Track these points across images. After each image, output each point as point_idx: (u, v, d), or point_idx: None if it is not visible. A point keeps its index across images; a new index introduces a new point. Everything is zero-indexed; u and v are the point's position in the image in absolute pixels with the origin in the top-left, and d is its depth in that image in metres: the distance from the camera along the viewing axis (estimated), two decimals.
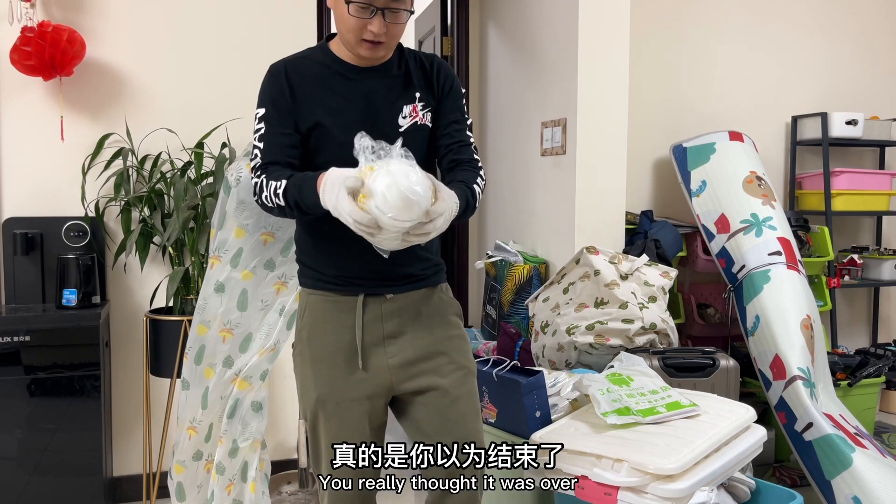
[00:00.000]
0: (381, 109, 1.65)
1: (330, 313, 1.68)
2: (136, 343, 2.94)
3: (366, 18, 1.54)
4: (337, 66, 1.65)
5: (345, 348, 1.66)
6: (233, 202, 2.14)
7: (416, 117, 1.68)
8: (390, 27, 1.56)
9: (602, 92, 3.19)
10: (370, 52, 1.59)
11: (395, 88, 1.67)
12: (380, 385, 1.67)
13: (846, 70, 4.22)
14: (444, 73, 1.73)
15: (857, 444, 2.59)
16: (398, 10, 1.56)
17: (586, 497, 1.90)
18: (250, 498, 2.23)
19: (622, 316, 2.84)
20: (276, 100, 1.62)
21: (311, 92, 1.63)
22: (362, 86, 1.64)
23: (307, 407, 1.71)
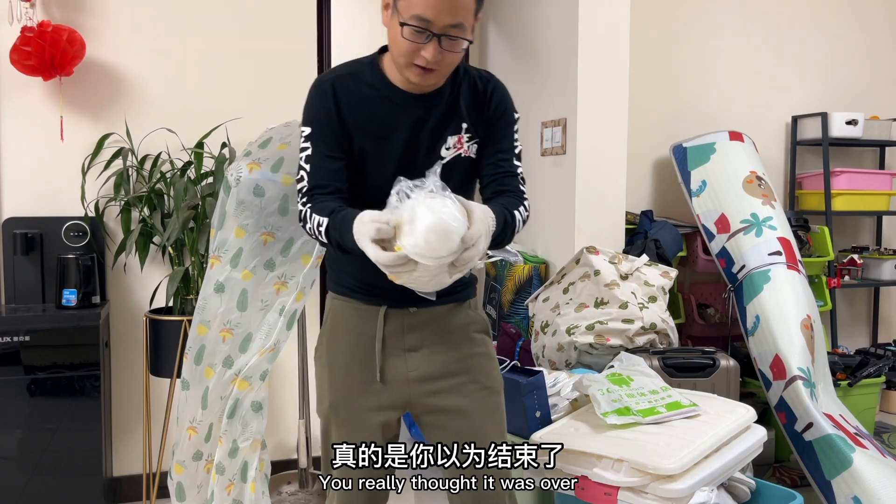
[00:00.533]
0: (426, 140, 1.56)
1: (351, 320, 1.64)
2: (136, 343, 2.93)
3: (420, 43, 1.43)
4: (386, 89, 1.55)
5: (362, 357, 1.62)
6: (233, 202, 2.14)
7: (459, 149, 1.59)
8: (445, 55, 1.45)
9: (602, 92, 3.19)
10: (420, 79, 1.49)
11: (443, 118, 1.57)
12: (396, 398, 1.63)
13: (846, 70, 4.22)
14: (497, 99, 1.62)
15: (857, 444, 2.59)
16: (456, 39, 1.44)
17: (586, 497, 1.90)
18: (250, 498, 2.23)
19: (622, 316, 2.84)
20: (323, 121, 1.53)
21: (357, 116, 1.54)
22: (409, 114, 1.55)
23: (321, 411, 1.69)
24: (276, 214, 2.15)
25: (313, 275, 2.24)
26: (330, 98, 1.53)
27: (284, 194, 2.16)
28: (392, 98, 1.55)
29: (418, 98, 1.55)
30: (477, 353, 1.66)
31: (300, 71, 3.09)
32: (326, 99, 1.53)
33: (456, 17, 1.41)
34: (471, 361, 1.65)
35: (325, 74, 1.58)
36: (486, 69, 1.67)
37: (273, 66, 3.05)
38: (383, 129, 1.54)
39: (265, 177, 2.15)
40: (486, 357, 1.68)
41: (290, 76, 3.07)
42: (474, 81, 1.61)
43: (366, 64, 1.58)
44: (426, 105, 1.56)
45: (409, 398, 1.63)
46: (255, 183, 2.14)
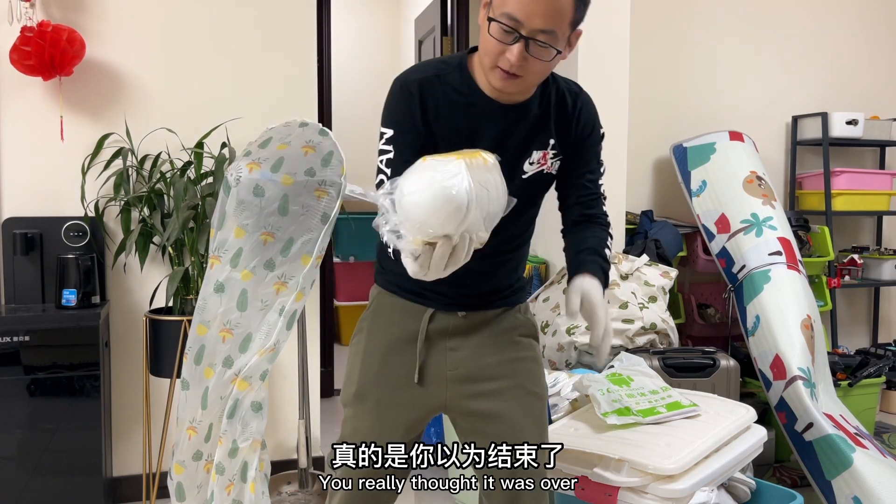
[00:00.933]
0: (510, 153, 1.47)
1: (396, 312, 1.59)
2: (135, 343, 2.93)
3: (506, 44, 1.33)
4: (473, 95, 1.45)
5: (401, 349, 1.56)
6: (232, 202, 2.13)
7: (543, 165, 1.52)
8: (531, 62, 1.35)
9: (602, 92, 3.18)
10: (502, 84, 1.39)
11: (531, 131, 1.49)
12: (431, 397, 1.56)
13: (846, 70, 4.22)
14: (586, 116, 1.55)
15: (857, 444, 2.59)
16: (545, 46, 1.34)
17: (586, 497, 1.90)
18: (250, 498, 2.23)
19: (622, 316, 2.84)
20: (406, 124, 1.43)
21: (442, 122, 1.45)
22: (496, 124, 1.46)
23: (346, 398, 1.62)
24: (276, 214, 2.15)
25: (313, 275, 2.24)
26: (416, 100, 1.43)
27: (284, 194, 2.16)
28: (479, 106, 1.45)
29: (506, 108, 1.46)
30: (523, 357, 1.60)
31: (300, 71, 3.08)
32: (411, 101, 1.43)
33: (548, 22, 1.32)
34: (516, 365, 1.58)
35: (409, 73, 1.47)
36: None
37: (273, 66, 3.05)
38: (467, 138, 1.44)
39: (265, 177, 2.15)
40: (532, 361, 1.62)
41: (290, 76, 3.07)
42: (563, 94, 1.52)
43: (453, 66, 1.48)
44: (514, 117, 1.47)
45: (446, 400, 1.56)
46: (255, 183, 2.14)
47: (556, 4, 1.32)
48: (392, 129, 1.44)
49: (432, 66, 1.49)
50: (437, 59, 1.52)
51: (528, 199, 1.52)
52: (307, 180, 2.20)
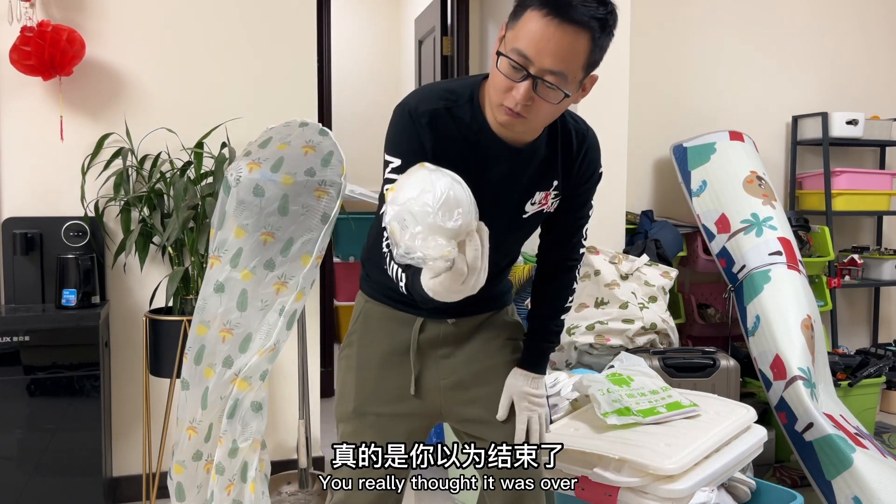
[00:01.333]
0: (515, 196, 1.45)
1: (385, 322, 1.57)
2: (135, 343, 2.93)
3: (513, 81, 1.27)
4: (482, 134, 1.39)
5: (396, 362, 1.55)
6: (232, 202, 2.14)
7: (544, 205, 1.49)
8: (538, 103, 1.28)
9: (602, 92, 3.18)
10: (507, 121, 1.32)
11: (537, 175, 1.45)
12: (429, 407, 1.56)
13: (847, 70, 4.22)
14: (589, 161, 1.51)
15: (857, 444, 2.59)
16: (553, 87, 1.27)
17: (586, 497, 1.90)
18: (250, 498, 2.23)
19: (622, 316, 2.84)
20: (415, 154, 1.34)
21: (448, 157, 1.35)
22: (503, 167, 1.41)
23: (342, 414, 1.61)
24: (275, 214, 2.15)
25: (313, 275, 2.24)
26: (426, 132, 1.36)
27: (284, 194, 2.16)
28: (487, 146, 1.39)
29: (514, 150, 1.40)
30: (513, 360, 1.60)
31: (300, 71, 3.08)
32: (420, 132, 1.36)
33: (559, 63, 1.26)
34: (507, 369, 1.58)
35: (419, 101, 1.38)
36: (486, 69, 1.58)
37: (273, 66, 3.05)
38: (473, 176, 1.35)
39: (265, 177, 2.15)
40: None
41: (289, 76, 3.07)
42: (570, 135, 1.47)
43: (464, 98, 1.40)
44: (522, 159, 1.42)
45: (442, 407, 1.57)
46: (254, 183, 2.14)
47: (569, 44, 1.25)
48: (401, 160, 1.35)
49: (443, 95, 1.40)
50: (445, 88, 1.42)
51: (525, 232, 1.53)
52: (307, 180, 2.20)
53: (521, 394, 1.54)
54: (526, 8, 1.26)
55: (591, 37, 1.27)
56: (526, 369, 1.56)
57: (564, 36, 1.24)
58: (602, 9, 1.28)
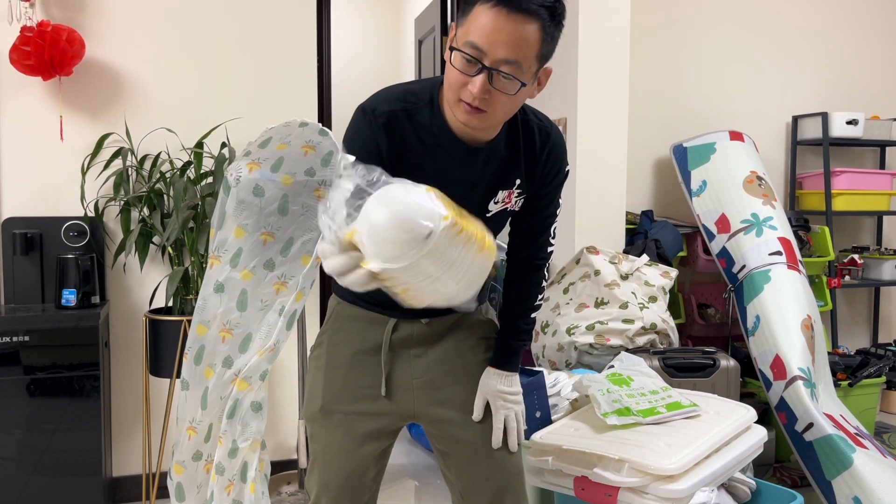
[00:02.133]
0: (476, 196, 1.45)
1: (356, 323, 1.57)
2: (135, 343, 2.93)
3: (469, 75, 1.28)
4: (442, 136, 1.39)
5: (367, 360, 1.55)
6: (232, 202, 2.13)
7: (507, 203, 1.49)
8: (495, 95, 1.29)
9: (602, 92, 3.19)
10: (466, 118, 1.32)
11: (498, 174, 1.45)
12: (400, 407, 1.55)
13: (847, 70, 4.22)
14: (554, 159, 1.49)
15: (857, 444, 2.58)
16: (509, 77, 1.27)
17: (586, 497, 1.90)
18: (250, 498, 2.22)
19: (622, 316, 2.84)
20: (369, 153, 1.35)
21: (406, 160, 1.39)
22: (463, 168, 1.42)
23: (309, 413, 1.61)
24: (275, 214, 2.15)
25: (313, 275, 2.24)
26: (381, 133, 1.37)
27: (284, 194, 2.15)
28: (447, 148, 1.40)
29: (474, 150, 1.41)
30: (485, 359, 1.60)
31: (300, 71, 3.09)
32: (376, 133, 1.37)
33: (512, 51, 1.26)
34: (479, 368, 1.58)
35: (378, 102, 1.39)
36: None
37: (273, 66, 3.05)
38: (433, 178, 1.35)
39: (265, 177, 2.15)
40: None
41: (289, 76, 3.07)
42: (532, 132, 1.47)
43: (424, 101, 1.40)
44: (482, 159, 1.42)
45: (415, 408, 1.56)
46: (254, 183, 2.13)
47: (521, 33, 1.26)
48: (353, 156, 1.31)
49: (402, 98, 1.40)
50: (406, 89, 1.43)
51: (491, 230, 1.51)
52: (307, 180, 2.20)
53: (496, 393, 1.54)
54: (475, 2, 1.28)
55: (542, 25, 1.28)
56: (498, 368, 1.56)
57: (515, 25, 1.25)
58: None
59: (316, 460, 1.60)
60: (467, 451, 1.56)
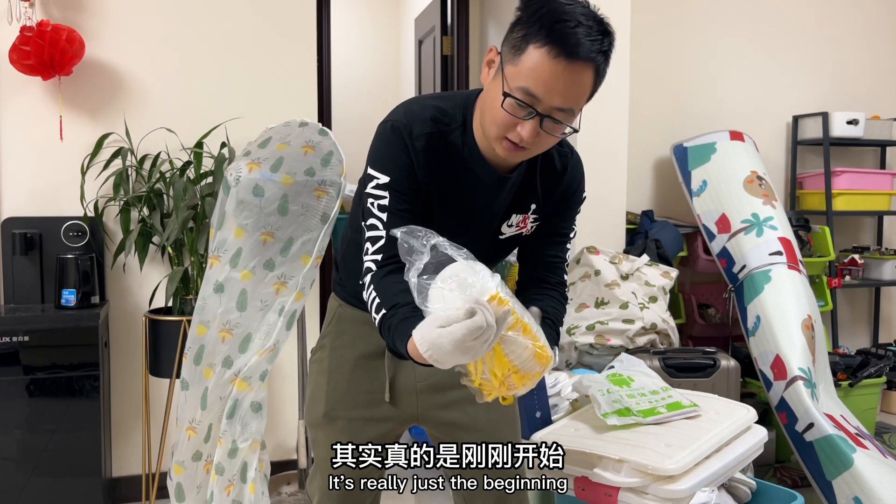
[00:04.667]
0: (494, 218, 1.43)
1: (359, 326, 1.53)
2: (135, 343, 2.93)
3: (519, 118, 1.25)
4: (473, 160, 1.37)
5: (371, 365, 1.52)
6: (232, 202, 2.13)
7: (522, 228, 1.47)
8: (542, 136, 1.27)
9: (602, 92, 3.17)
10: (508, 154, 1.30)
11: (515, 197, 1.43)
12: (403, 411, 1.53)
13: (847, 69, 4.22)
14: (571, 180, 1.47)
15: (858, 444, 2.58)
16: (559, 123, 1.26)
17: (586, 498, 1.89)
18: (250, 498, 2.22)
19: (623, 316, 2.84)
20: (405, 174, 1.33)
21: (438, 183, 1.37)
22: (489, 191, 1.40)
23: (312, 419, 1.58)
24: (275, 214, 2.15)
25: (313, 275, 2.24)
26: (420, 156, 1.34)
27: (284, 194, 2.15)
28: (478, 173, 1.38)
29: (501, 178, 1.39)
30: None
31: (300, 71, 3.08)
32: (413, 155, 1.33)
33: (567, 100, 1.24)
34: None
35: (413, 122, 1.34)
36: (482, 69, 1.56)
37: (273, 66, 3.05)
38: (459, 201, 1.39)
39: (265, 177, 2.15)
40: None
41: (289, 76, 3.07)
42: (552, 157, 1.44)
43: (458, 122, 1.37)
44: (507, 185, 1.40)
45: (418, 411, 1.54)
46: (254, 183, 2.14)
47: (578, 81, 1.23)
48: (389, 176, 1.33)
49: (435, 118, 1.36)
50: (437, 107, 1.38)
51: (500, 253, 1.51)
52: (307, 180, 2.20)
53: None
54: (529, 43, 1.21)
55: (597, 69, 1.25)
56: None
57: (573, 74, 1.22)
58: (606, 40, 1.24)
59: (318, 467, 1.58)
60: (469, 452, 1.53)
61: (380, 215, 1.32)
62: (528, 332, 1.14)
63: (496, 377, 1.16)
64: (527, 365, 1.16)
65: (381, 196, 1.33)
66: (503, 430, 1.57)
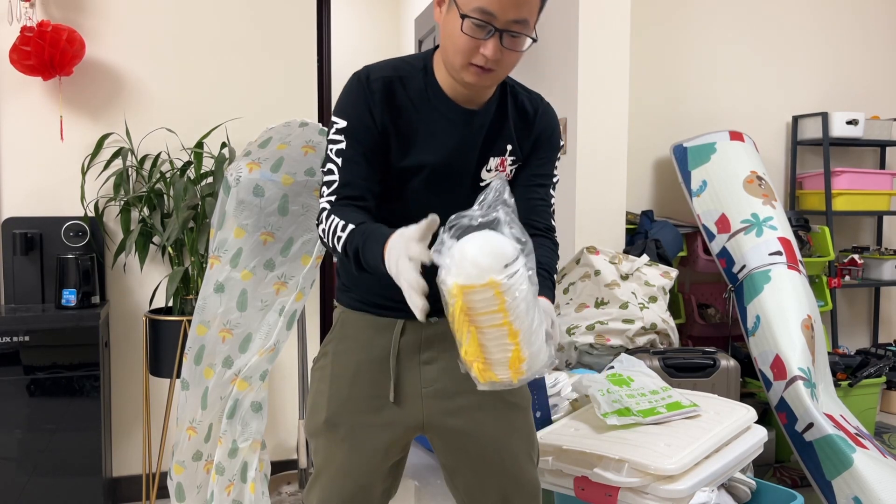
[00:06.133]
0: (469, 160, 1.44)
1: (363, 331, 1.50)
2: (135, 343, 2.93)
3: (480, 39, 1.30)
4: (437, 100, 1.41)
5: (373, 369, 1.48)
6: (232, 202, 2.14)
7: (501, 171, 1.47)
8: (506, 54, 1.32)
9: (602, 92, 3.19)
10: (476, 79, 1.34)
11: (489, 137, 1.45)
12: (408, 416, 1.47)
13: (847, 70, 4.22)
14: (546, 123, 1.50)
15: (857, 444, 2.58)
16: (519, 35, 1.31)
17: (586, 497, 1.90)
18: (250, 498, 2.23)
19: (622, 316, 2.84)
20: (363, 119, 1.38)
21: (400, 128, 1.40)
22: (457, 131, 1.42)
23: (313, 427, 1.52)
24: (275, 214, 2.15)
25: (313, 275, 2.24)
26: (377, 98, 1.38)
27: (284, 194, 2.16)
28: (442, 111, 1.41)
29: (466, 113, 1.42)
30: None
31: (300, 71, 3.09)
32: (371, 97, 1.38)
33: (521, 11, 1.29)
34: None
35: (372, 69, 1.42)
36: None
37: (273, 66, 3.05)
38: (426, 145, 1.41)
39: (265, 177, 2.15)
40: None
41: (289, 76, 3.07)
42: (523, 101, 1.49)
43: (418, 68, 1.43)
44: (475, 121, 1.43)
45: (423, 418, 1.48)
46: (254, 183, 2.14)
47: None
48: (346, 121, 1.38)
49: (396, 66, 1.44)
50: (401, 59, 1.46)
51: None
52: (307, 180, 2.20)
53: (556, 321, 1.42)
54: None
55: None
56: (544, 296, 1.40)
57: None
58: None
59: (318, 476, 1.52)
60: (477, 465, 1.49)
61: (336, 160, 1.38)
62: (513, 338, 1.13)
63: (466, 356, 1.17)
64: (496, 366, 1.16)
65: (339, 140, 1.39)
66: (513, 439, 1.51)
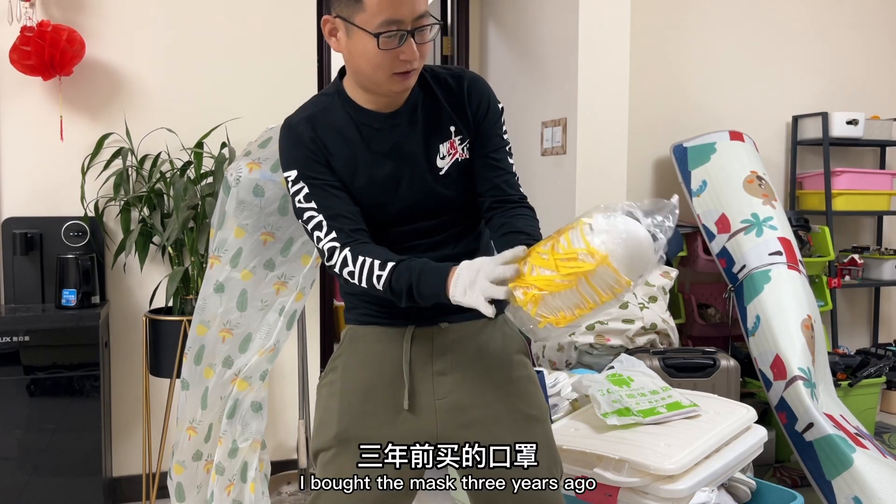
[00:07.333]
0: (417, 157, 1.43)
1: (372, 344, 1.47)
2: (135, 343, 2.93)
3: (396, 48, 1.31)
4: (361, 115, 1.42)
5: (386, 383, 1.44)
6: (232, 202, 2.13)
7: (455, 154, 1.45)
8: (420, 49, 1.34)
9: (602, 92, 3.18)
10: (403, 85, 1.36)
11: (428, 127, 1.44)
12: (422, 428, 1.43)
13: (847, 70, 4.22)
14: (478, 94, 1.48)
15: (857, 444, 2.58)
16: (424, 28, 1.33)
17: (586, 497, 1.90)
18: (250, 498, 2.23)
19: (622, 316, 2.84)
20: (310, 159, 1.40)
21: (343, 157, 1.41)
22: (391, 135, 1.42)
23: (322, 443, 1.46)
24: (275, 214, 2.15)
25: (313, 275, 2.24)
26: (306, 137, 1.41)
27: (284, 194, 2.15)
28: (370, 125, 1.42)
29: (394, 116, 1.43)
30: (516, 378, 1.48)
31: (300, 71, 3.08)
32: (303, 139, 1.41)
33: (420, 4, 1.32)
34: (509, 387, 1.46)
35: (292, 117, 1.46)
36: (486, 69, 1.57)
37: (273, 66, 3.05)
38: (371, 162, 1.41)
39: (265, 177, 2.15)
40: (527, 381, 1.49)
41: (290, 76, 3.07)
42: (445, 80, 1.47)
43: (331, 96, 1.46)
44: (404, 119, 1.43)
45: (437, 431, 1.43)
46: (254, 183, 2.14)
47: None
48: (296, 169, 1.41)
49: (312, 104, 1.47)
50: (312, 98, 1.51)
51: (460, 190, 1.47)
52: None
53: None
54: None
55: None
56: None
57: None
58: None
59: (320, 495, 1.43)
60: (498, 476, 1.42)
61: (308, 205, 1.40)
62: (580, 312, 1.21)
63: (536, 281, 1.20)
64: (545, 307, 1.20)
65: (301, 188, 1.40)
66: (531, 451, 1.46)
